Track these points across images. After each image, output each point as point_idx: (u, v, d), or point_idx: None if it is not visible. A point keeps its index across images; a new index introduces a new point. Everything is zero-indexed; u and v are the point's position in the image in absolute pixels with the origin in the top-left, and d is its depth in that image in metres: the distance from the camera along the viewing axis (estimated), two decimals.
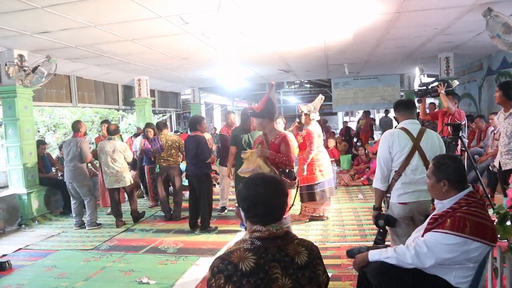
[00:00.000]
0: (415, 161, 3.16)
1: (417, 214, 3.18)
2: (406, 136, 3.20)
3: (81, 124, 6.62)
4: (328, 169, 6.09)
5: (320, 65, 10.87)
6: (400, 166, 3.19)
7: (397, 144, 3.20)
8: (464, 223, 2.18)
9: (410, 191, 3.16)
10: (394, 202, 3.25)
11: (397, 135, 3.23)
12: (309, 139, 5.92)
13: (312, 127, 6.00)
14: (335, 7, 5.27)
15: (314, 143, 5.89)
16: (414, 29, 6.76)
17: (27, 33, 5.72)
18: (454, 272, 2.25)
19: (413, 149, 3.16)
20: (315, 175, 5.95)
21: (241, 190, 1.76)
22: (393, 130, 3.38)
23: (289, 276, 1.62)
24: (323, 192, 5.98)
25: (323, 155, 6.09)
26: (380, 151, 3.29)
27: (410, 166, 3.16)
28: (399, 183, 3.21)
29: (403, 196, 3.19)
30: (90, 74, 9.75)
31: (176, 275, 4.29)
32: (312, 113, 6.01)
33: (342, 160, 11.01)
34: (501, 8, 5.08)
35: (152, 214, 7.17)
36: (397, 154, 3.20)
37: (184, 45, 7.12)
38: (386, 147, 3.24)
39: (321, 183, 5.95)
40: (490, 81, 9.64)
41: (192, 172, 5.85)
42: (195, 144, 5.78)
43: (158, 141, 6.63)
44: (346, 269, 4.05)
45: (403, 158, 3.17)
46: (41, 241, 5.83)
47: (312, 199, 6.00)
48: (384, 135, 3.36)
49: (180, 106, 16.24)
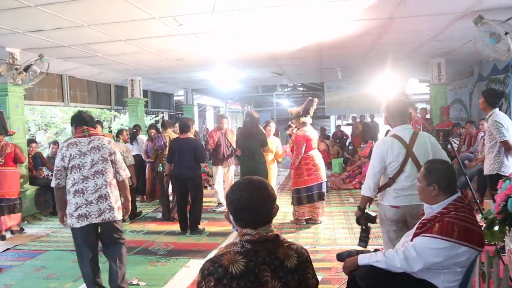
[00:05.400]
0: (408, 168, 3.14)
1: (410, 218, 3.19)
2: (399, 144, 3.17)
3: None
4: (319, 172, 6.04)
5: (313, 69, 10.92)
6: (394, 174, 3.18)
7: (391, 153, 3.16)
8: (452, 228, 2.21)
9: (404, 194, 3.16)
10: (386, 205, 3.26)
11: (390, 144, 3.19)
12: (297, 144, 5.92)
13: (302, 131, 5.98)
14: (328, 11, 5.30)
15: (302, 148, 5.89)
16: (406, 35, 6.82)
17: (20, 31, 5.68)
18: (442, 277, 2.27)
19: (406, 156, 3.14)
20: (303, 179, 5.96)
21: (227, 194, 1.78)
22: (386, 138, 3.34)
23: (279, 279, 1.63)
24: (311, 195, 5.98)
25: (316, 158, 6.05)
26: (374, 160, 3.24)
27: (404, 174, 3.15)
28: (392, 189, 3.21)
29: (396, 199, 3.19)
30: (82, 73, 9.71)
31: (167, 276, 4.28)
32: (303, 117, 6.01)
33: (334, 164, 11.06)
34: (492, 15, 5.14)
35: (143, 215, 7.14)
36: (391, 163, 3.17)
37: (177, 47, 7.12)
38: (380, 156, 3.19)
39: (310, 187, 5.95)
40: (481, 87, 9.74)
41: (188, 174, 5.78)
42: (192, 147, 5.75)
43: (162, 139, 6.65)
44: (336, 272, 4.07)
45: (398, 166, 3.15)
46: (30, 241, 5.79)
47: (300, 203, 6.02)
48: (377, 144, 3.33)
49: (173, 107, 16.21)
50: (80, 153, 3.51)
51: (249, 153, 5.89)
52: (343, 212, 6.79)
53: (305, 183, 5.94)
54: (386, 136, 3.42)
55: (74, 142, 3.56)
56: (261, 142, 5.94)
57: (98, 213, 3.51)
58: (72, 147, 3.53)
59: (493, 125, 4.60)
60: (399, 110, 3.32)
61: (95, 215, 3.50)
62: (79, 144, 3.54)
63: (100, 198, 3.52)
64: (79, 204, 3.47)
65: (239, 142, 6.14)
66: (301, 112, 6.01)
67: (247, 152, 5.92)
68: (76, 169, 3.49)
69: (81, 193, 3.48)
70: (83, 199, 3.48)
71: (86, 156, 3.52)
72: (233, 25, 5.81)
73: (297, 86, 20.39)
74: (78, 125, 3.67)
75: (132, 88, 10.95)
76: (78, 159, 3.50)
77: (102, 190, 3.55)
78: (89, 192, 3.50)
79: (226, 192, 1.79)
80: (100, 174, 3.55)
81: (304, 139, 5.89)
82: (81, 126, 3.65)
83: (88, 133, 3.62)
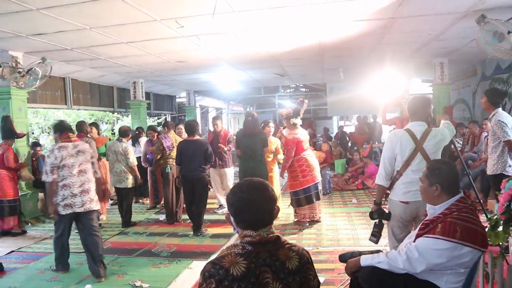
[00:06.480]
0: (416, 162, 3.23)
1: (420, 215, 3.21)
2: (409, 137, 3.28)
3: (86, 125, 6.80)
4: (313, 173, 6.04)
5: (315, 70, 10.91)
6: (401, 166, 3.28)
7: (399, 145, 3.29)
8: (454, 228, 2.20)
9: (413, 190, 3.20)
10: (395, 200, 3.32)
11: (401, 136, 3.32)
12: (287, 148, 5.97)
13: (292, 134, 6.00)
14: (330, 11, 5.30)
15: (292, 151, 5.91)
16: (409, 35, 6.80)
17: (22, 35, 5.71)
18: (445, 277, 2.26)
19: (415, 151, 3.24)
20: (299, 181, 5.97)
21: (228, 196, 1.78)
22: (398, 131, 3.50)
23: (280, 281, 1.63)
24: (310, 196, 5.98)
25: (309, 159, 6.04)
26: (385, 150, 3.41)
27: (411, 167, 3.24)
28: (400, 182, 3.30)
29: (405, 195, 3.25)
30: (85, 76, 9.73)
31: (169, 278, 4.28)
32: (293, 118, 6.02)
33: (337, 165, 11.02)
34: (494, 14, 5.12)
35: (146, 217, 7.15)
36: (399, 154, 3.29)
37: (179, 49, 7.13)
38: (390, 147, 3.35)
39: (307, 188, 5.95)
40: (484, 86, 9.70)
41: (197, 175, 5.84)
42: (200, 148, 5.83)
43: (169, 139, 6.68)
44: (339, 273, 4.06)
45: (405, 158, 3.26)
46: (34, 244, 5.80)
47: (299, 205, 6.03)
48: (389, 136, 3.50)
49: (175, 109, 16.23)
50: (69, 154, 4.28)
51: (250, 153, 5.90)
52: (346, 213, 6.77)
53: (302, 185, 5.95)
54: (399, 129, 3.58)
55: (64, 146, 4.31)
56: (263, 142, 5.96)
57: (81, 204, 4.29)
58: (63, 149, 4.28)
59: (496, 124, 4.59)
60: (416, 108, 3.43)
61: (78, 205, 4.27)
62: (67, 148, 4.31)
63: (83, 192, 4.31)
64: (66, 195, 4.23)
65: (239, 143, 6.13)
66: (291, 114, 6.05)
67: (247, 152, 5.93)
68: (65, 167, 4.25)
69: (68, 187, 4.25)
70: (69, 192, 4.24)
71: (73, 157, 4.31)
72: (235, 26, 5.81)
73: (299, 87, 20.38)
74: (63, 132, 4.42)
75: (135, 91, 10.96)
76: (68, 159, 4.26)
77: (85, 185, 4.35)
78: (75, 186, 4.27)
79: (227, 194, 1.78)
80: (84, 172, 4.37)
81: (294, 142, 5.92)
82: (66, 133, 4.42)
83: (72, 139, 4.42)
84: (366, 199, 7.78)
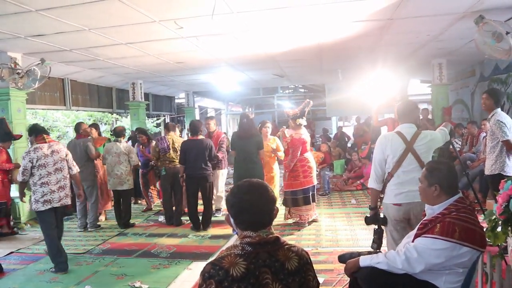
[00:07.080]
0: (407, 162, 3.26)
1: (413, 217, 3.22)
2: (399, 139, 3.32)
3: (84, 126, 6.82)
4: (312, 174, 6.08)
5: (314, 70, 10.92)
6: (392, 167, 3.31)
7: (390, 147, 3.33)
8: (453, 229, 2.21)
9: (404, 191, 3.23)
10: (388, 203, 3.34)
11: (391, 138, 3.37)
12: (294, 147, 5.94)
13: (298, 134, 5.99)
14: (329, 12, 5.30)
15: (298, 151, 5.91)
16: (407, 36, 6.81)
17: (21, 36, 5.71)
18: (444, 278, 2.27)
19: (406, 152, 3.28)
20: (299, 181, 5.97)
21: (228, 197, 1.78)
22: (388, 133, 3.56)
23: (280, 281, 1.63)
24: (307, 197, 5.99)
25: (310, 161, 6.07)
26: (376, 153, 3.45)
27: (402, 168, 3.27)
28: (392, 183, 3.32)
29: (397, 196, 3.27)
30: (84, 77, 9.73)
31: (169, 279, 4.28)
32: (299, 118, 6.03)
33: (336, 165, 11.03)
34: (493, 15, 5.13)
35: (145, 218, 7.15)
36: (389, 156, 3.33)
37: (178, 50, 7.13)
38: (381, 149, 3.40)
39: (306, 189, 5.97)
40: (483, 87, 9.72)
41: (202, 174, 5.98)
42: (205, 147, 5.98)
43: (166, 141, 6.66)
44: (338, 274, 4.06)
45: (396, 160, 3.29)
46: (33, 245, 5.80)
47: (296, 204, 6.03)
48: (380, 138, 3.52)
49: (174, 110, 16.23)
50: (44, 155, 4.62)
51: (245, 155, 5.90)
52: (345, 214, 6.77)
53: (302, 185, 5.96)
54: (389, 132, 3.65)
55: (39, 147, 4.64)
56: (258, 144, 5.95)
57: (58, 199, 4.67)
58: (38, 150, 4.62)
59: (495, 124, 4.60)
60: (405, 111, 3.50)
61: (56, 200, 4.65)
62: (42, 149, 4.65)
63: (60, 188, 4.71)
64: (45, 192, 4.59)
65: (235, 145, 6.11)
66: (298, 114, 6.05)
67: (243, 154, 5.93)
68: (42, 167, 4.60)
69: (47, 184, 4.61)
70: (48, 189, 4.60)
71: (48, 157, 4.65)
72: (234, 27, 5.82)
73: (298, 88, 20.38)
74: (38, 134, 4.77)
75: (134, 91, 10.97)
76: (43, 159, 4.60)
77: (61, 182, 4.74)
78: (52, 183, 4.64)
79: (226, 195, 1.79)
80: (60, 170, 4.74)
81: (300, 142, 5.93)
82: (41, 134, 4.76)
83: (47, 140, 4.75)
84: (365, 199, 7.78)
